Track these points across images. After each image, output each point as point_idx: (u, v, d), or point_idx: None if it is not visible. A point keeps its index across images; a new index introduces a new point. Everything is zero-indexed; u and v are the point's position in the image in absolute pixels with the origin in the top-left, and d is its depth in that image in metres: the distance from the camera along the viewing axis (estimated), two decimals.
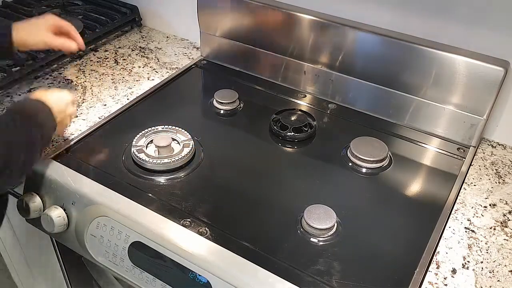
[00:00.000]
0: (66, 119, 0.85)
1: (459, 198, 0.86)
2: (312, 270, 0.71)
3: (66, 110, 0.84)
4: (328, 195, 0.84)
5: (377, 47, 0.97)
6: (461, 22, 0.92)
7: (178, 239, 0.74)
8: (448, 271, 0.73)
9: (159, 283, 0.76)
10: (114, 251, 0.79)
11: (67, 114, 0.84)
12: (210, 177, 0.87)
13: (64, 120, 0.84)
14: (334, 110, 1.06)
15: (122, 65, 1.20)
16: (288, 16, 1.04)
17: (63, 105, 0.82)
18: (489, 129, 1.00)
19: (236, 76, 1.17)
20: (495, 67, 0.87)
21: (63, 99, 0.83)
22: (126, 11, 1.34)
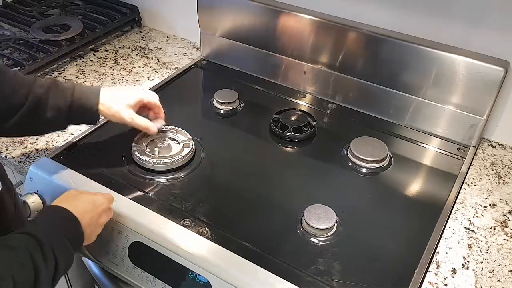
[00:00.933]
0: (97, 229, 0.71)
1: (459, 198, 0.86)
2: (312, 270, 0.71)
3: (99, 220, 0.70)
4: (328, 195, 0.84)
5: (377, 47, 0.97)
6: (461, 22, 0.92)
7: (178, 239, 0.74)
8: (448, 271, 0.73)
9: (159, 283, 0.76)
10: (114, 251, 0.78)
11: (98, 224, 0.70)
12: (210, 177, 0.87)
13: (94, 231, 0.70)
14: (334, 110, 1.06)
15: (122, 65, 1.20)
16: (288, 16, 1.04)
17: (96, 214, 0.69)
18: (489, 129, 1.00)
19: (236, 76, 1.17)
20: (495, 67, 0.87)
21: (97, 205, 0.70)
22: (126, 11, 1.34)
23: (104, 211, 0.72)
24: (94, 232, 0.71)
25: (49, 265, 0.59)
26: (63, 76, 1.14)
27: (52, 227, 0.63)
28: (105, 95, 0.80)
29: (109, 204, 0.74)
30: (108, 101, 0.80)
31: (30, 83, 0.76)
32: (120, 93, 0.83)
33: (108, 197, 0.74)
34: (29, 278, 0.56)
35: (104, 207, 0.72)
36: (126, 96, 0.82)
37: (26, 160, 0.89)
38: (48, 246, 0.60)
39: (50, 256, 0.60)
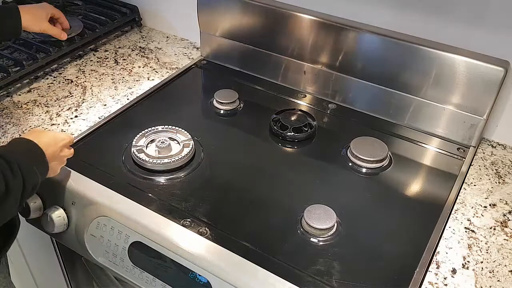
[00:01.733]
0: (60, 163, 0.78)
1: (459, 198, 0.86)
2: (312, 270, 0.71)
3: (61, 153, 0.77)
4: (328, 195, 0.84)
5: (377, 47, 0.97)
6: (461, 22, 0.92)
7: (178, 239, 0.74)
8: (448, 271, 0.73)
9: (159, 283, 0.76)
10: (114, 251, 0.79)
11: (61, 157, 0.78)
12: (210, 177, 0.87)
13: (57, 165, 0.77)
14: (334, 110, 1.06)
15: (122, 65, 1.20)
16: (288, 16, 1.04)
17: (58, 148, 0.76)
18: (489, 129, 1.00)
19: (236, 76, 1.17)
20: (495, 67, 0.87)
21: (58, 140, 0.77)
22: (126, 11, 1.34)
23: (65, 146, 0.79)
24: (57, 166, 0.78)
25: (17, 179, 0.64)
26: (63, 76, 1.14)
27: (19, 151, 0.69)
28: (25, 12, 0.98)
29: (69, 142, 0.81)
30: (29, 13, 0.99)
31: None
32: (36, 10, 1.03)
33: (69, 136, 0.81)
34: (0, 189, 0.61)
35: (64, 143, 0.78)
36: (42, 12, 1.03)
37: None
38: (15, 164, 0.64)
39: (17, 172, 0.64)
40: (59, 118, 1.00)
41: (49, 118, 1.00)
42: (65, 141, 0.79)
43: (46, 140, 0.73)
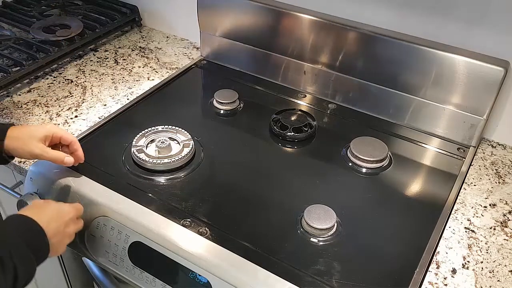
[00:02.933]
0: (64, 239, 0.70)
1: (459, 198, 0.86)
2: (312, 270, 0.71)
3: (66, 229, 0.69)
4: (328, 195, 0.84)
5: (377, 47, 0.97)
6: (461, 22, 0.92)
7: (178, 239, 0.74)
8: (448, 271, 0.73)
9: (159, 283, 0.76)
10: (114, 251, 0.78)
11: (66, 235, 0.70)
12: (210, 177, 0.87)
13: (61, 241, 0.69)
14: (334, 110, 1.06)
15: (122, 65, 1.20)
16: (288, 16, 1.04)
17: (62, 223, 0.68)
18: (489, 129, 1.00)
19: (236, 76, 1.17)
20: (495, 67, 0.87)
21: (63, 215, 0.69)
22: (126, 11, 1.34)
23: (72, 220, 0.71)
24: (62, 243, 0.69)
25: (8, 274, 0.56)
26: (63, 76, 1.14)
27: (12, 235, 0.61)
28: (13, 132, 0.75)
29: (77, 214, 0.73)
30: (16, 135, 0.75)
31: None
32: (29, 129, 0.77)
33: (76, 207, 0.74)
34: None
35: (71, 216, 0.71)
36: (35, 131, 0.76)
37: (26, 160, 0.89)
38: (6, 254, 0.57)
39: (8, 265, 0.57)
40: (59, 118, 1.00)
41: (49, 118, 1.00)
42: (71, 214, 0.71)
43: (47, 216, 0.66)
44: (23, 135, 0.75)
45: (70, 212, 0.71)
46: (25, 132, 0.76)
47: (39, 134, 0.75)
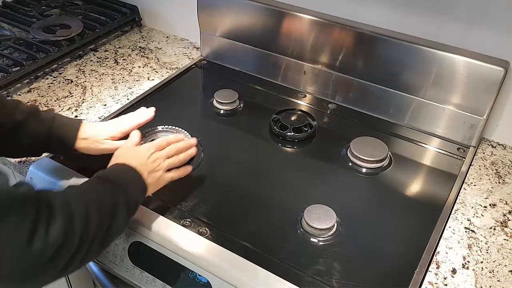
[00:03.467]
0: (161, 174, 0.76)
1: (459, 198, 0.86)
2: (312, 270, 0.71)
3: (157, 166, 0.75)
4: (328, 195, 0.84)
5: (377, 47, 0.97)
6: (461, 22, 0.92)
7: (178, 239, 0.74)
8: (448, 271, 0.73)
9: (159, 283, 0.76)
10: (114, 251, 0.78)
11: (162, 169, 0.76)
12: (210, 177, 0.87)
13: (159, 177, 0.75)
14: (334, 110, 1.06)
15: (122, 65, 1.20)
16: (288, 16, 1.04)
17: (151, 162, 0.74)
18: (489, 129, 1.00)
19: (236, 76, 1.17)
20: (495, 67, 0.87)
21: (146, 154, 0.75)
22: (126, 11, 1.34)
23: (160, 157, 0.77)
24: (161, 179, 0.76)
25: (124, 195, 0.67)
26: (63, 76, 1.14)
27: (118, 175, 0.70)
28: (86, 129, 0.80)
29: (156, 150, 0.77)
30: (88, 134, 0.80)
31: (13, 107, 0.77)
32: (101, 126, 0.82)
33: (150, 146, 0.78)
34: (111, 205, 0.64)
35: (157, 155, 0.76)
36: (100, 128, 0.82)
37: (26, 160, 0.89)
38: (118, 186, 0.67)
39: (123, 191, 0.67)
40: None
41: None
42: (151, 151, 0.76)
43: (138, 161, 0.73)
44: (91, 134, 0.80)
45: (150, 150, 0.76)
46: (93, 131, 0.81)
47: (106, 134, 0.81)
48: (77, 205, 0.60)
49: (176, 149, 0.80)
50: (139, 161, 0.73)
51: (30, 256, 0.53)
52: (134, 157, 0.74)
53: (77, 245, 0.58)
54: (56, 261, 0.56)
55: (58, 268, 0.57)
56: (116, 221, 0.65)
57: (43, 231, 0.54)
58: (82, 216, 0.59)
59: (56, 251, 0.55)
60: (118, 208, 0.65)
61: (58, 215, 0.56)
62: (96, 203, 0.62)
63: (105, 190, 0.66)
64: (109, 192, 0.66)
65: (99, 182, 0.68)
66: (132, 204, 0.68)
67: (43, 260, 0.54)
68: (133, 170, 0.71)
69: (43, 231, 0.54)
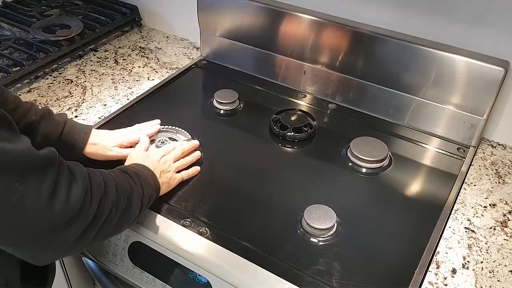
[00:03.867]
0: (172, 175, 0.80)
1: (459, 198, 0.86)
2: (312, 270, 0.71)
3: (168, 167, 0.80)
4: (328, 195, 0.84)
5: (377, 47, 0.97)
6: (461, 22, 0.92)
7: (178, 239, 0.74)
8: (448, 271, 0.73)
9: (159, 283, 0.76)
10: (114, 251, 0.79)
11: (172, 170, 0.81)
12: (210, 177, 0.87)
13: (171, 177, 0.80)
14: (334, 110, 1.06)
15: (122, 65, 1.20)
16: (288, 16, 1.04)
17: (162, 163, 0.79)
18: (489, 129, 1.00)
19: (236, 76, 1.17)
20: (495, 67, 0.87)
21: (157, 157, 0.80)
22: (126, 11, 1.34)
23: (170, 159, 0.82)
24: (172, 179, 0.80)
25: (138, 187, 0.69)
26: (63, 76, 1.14)
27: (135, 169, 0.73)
28: (96, 135, 0.84)
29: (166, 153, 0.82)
30: (97, 140, 0.84)
31: (27, 108, 0.80)
32: (110, 134, 0.87)
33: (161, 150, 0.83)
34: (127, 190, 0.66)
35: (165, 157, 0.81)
36: (109, 136, 0.86)
37: None
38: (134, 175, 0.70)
39: (137, 182, 0.70)
40: None
41: None
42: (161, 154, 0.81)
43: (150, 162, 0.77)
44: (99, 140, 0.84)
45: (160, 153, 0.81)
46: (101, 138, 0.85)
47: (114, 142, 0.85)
48: (97, 178, 0.62)
49: (181, 151, 0.85)
50: (151, 163, 0.77)
51: (49, 217, 0.54)
52: (146, 159, 0.78)
53: (93, 217, 0.58)
54: (71, 228, 0.56)
55: (71, 238, 0.57)
56: (131, 207, 0.67)
57: (64, 191, 0.55)
58: (100, 189, 0.61)
59: (74, 216, 0.56)
60: (133, 196, 0.67)
61: (79, 179, 0.57)
62: (114, 184, 0.64)
63: (122, 178, 0.68)
64: (126, 180, 0.68)
65: (117, 170, 0.70)
66: (146, 197, 0.71)
67: (60, 223, 0.55)
68: (148, 168, 0.75)
69: (64, 191, 0.55)
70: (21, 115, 0.78)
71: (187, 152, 0.87)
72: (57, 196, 0.54)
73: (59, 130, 0.81)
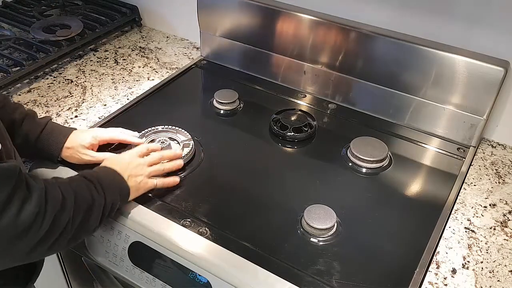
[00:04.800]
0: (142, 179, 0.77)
1: (459, 198, 0.86)
2: (312, 270, 0.71)
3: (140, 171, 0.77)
4: (328, 195, 0.84)
5: (377, 47, 0.97)
6: (461, 22, 0.92)
7: (178, 239, 0.74)
8: (448, 271, 0.73)
9: (159, 283, 0.76)
10: (114, 251, 0.79)
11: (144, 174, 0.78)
12: (210, 177, 0.87)
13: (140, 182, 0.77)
14: (334, 110, 1.06)
15: (122, 65, 1.20)
16: (288, 16, 1.04)
17: (132, 167, 0.77)
18: (489, 129, 1.00)
19: (236, 76, 1.17)
20: (495, 67, 0.87)
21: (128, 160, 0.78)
22: (126, 11, 1.34)
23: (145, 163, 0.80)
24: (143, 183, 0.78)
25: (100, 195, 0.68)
26: (63, 76, 1.14)
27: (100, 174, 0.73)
28: (72, 139, 0.83)
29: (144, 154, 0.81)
30: (68, 145, 0.83)
31: (13, 108, 0.81)
32: (78, 138, 0.84)
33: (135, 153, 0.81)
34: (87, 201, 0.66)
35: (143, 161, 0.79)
36: (83, 140, 0.84)
37: (26, 160, 0.89)
38: (97, 183, 0.69)
39: (100, 191, 0.69)
40: (59, 118, 1.00)
41: None
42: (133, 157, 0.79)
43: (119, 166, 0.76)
44: (73, 144, 0.83)
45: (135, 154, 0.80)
46: (75, 141, 0.83)
47: (86, 143, 0.83)
48: (55, 193, 0.62)
49: (160, 156, 0.83)
50: (120, 166, 0.76)
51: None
52: (116, 162, 0.77)
53: (45, 233, 0.59)
54: (22, 241, 0.57)
55: (24, 250, 0.58)
56: (90, 218, 0.67)
57: (15, 207, 0.56)
58: (57, 204, 0.61)
59: (23, 231, 0.57)
60: (93, 206, 0.67)
61: (34, 196, 0.58)
62: (74, 196, 0.64)
63: (84, 187, 0.68)
64: (88, 189, 0.68)
65: (80, 178, 0.70)
66: (107, 206, 0.70)
67: (8, 236, 0.56)
68: (115, 172, 0.74)
69: (15, 207, 0.56)
70: (5, 114, 0.78)
71: (167, 159, 0.84)
72: (7, 212, 0.55)
73: (38, 131, 0.81)
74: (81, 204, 0.65)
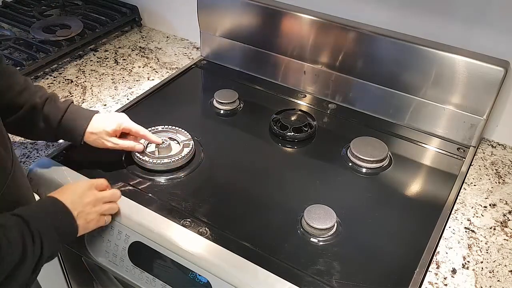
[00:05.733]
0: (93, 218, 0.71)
1: (459, 198, 0.86)
2: (312, 270, 0.71)
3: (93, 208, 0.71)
4: (328, 195, 0.84)
5: (377, 47, 0.97)
6: (461, 22, 0.92)
7: (178, 239, 0.74)
8: (448, 271, 0.73)
9: (159, 283, 0.76)
10: (114, 251, 0.78)
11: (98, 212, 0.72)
12: (210, 177, 0.87)
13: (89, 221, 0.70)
14: (334, 110, 1.06)
15: (122, 65, 1.20)
16: (288, 16, 1.04)
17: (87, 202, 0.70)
18: (489, 129, 1.00)
19: (236, 76, 1.17)
20: (495, 67, 0.87)
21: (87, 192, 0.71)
22: (126, 11, 1.34)
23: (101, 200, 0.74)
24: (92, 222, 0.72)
25: (36, 247, 0.61)
26: (63, 76, 1.14)
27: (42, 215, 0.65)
28: (95, 124, 0.82)
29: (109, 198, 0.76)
30: (96, 129, 0.82)
31: (34, 91, 0.81)
32: (102, 123, 0.83)
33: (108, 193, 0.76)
34: (14, 258, 0.58)
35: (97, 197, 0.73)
36: (107, 126, 0.83)
37: (26, 160, 0.89)
38: (36, 232, 0.61)
39: (37, 242, 0.61)
40: None
41: None
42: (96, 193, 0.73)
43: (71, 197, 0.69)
44: (97, 130, 0.82)
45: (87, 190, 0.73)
46: (100, 126, 0.82)
47: (110, 129, 0.83)
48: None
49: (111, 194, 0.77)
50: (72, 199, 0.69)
51: None
52: (69, 193, 0.70)
53: None
54: None
55: None
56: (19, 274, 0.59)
57: None
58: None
59: None
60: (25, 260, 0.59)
61: None
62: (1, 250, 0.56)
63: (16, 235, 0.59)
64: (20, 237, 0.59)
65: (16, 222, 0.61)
66: (44, 258, 0.63)
67: None
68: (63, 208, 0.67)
69: None
70: (27, 97, 0.79)
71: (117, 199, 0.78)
72: None
73: (60, 114, 0.80)
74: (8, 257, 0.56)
